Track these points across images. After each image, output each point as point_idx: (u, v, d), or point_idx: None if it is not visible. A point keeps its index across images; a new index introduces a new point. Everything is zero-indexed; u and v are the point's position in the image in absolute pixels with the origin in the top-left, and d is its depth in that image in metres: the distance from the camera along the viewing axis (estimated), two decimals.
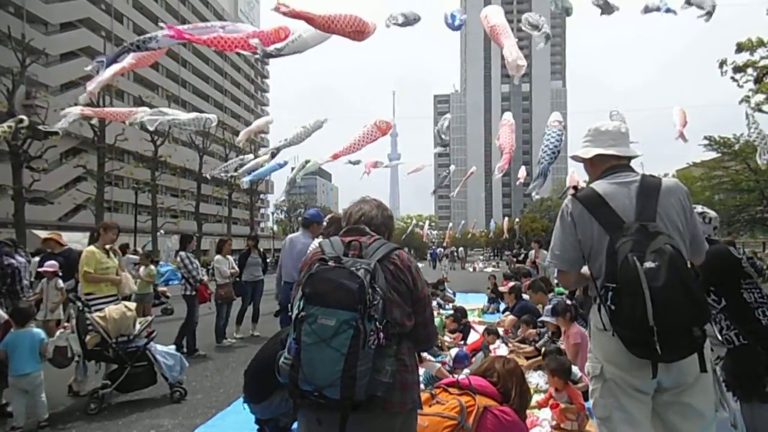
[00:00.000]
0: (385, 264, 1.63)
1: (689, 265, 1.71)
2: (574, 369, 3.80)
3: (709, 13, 5.85)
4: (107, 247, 5.22)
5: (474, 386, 2.19)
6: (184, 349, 6.51)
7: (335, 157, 7.87)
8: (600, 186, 1.96)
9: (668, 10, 6.24)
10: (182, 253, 6.82)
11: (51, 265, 6.61)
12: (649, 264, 1.65)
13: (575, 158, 2.21)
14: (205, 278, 6.91)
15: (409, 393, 1.64)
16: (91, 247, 5.12)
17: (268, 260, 18.12)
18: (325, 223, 4.35)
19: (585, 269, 2.01)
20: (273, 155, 9.28)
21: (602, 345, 1.90)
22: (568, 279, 2.12)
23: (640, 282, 1.62)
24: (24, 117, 7.34)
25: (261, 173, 10.54)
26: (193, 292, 6.64)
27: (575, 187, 2.10)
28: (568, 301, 4.79)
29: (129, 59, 4.81)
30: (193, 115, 6.76)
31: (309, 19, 4.10)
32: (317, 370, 1.45)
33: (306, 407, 1.58)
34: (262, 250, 9.07)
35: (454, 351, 4.93)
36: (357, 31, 4.32)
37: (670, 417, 1.84)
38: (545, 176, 6.33)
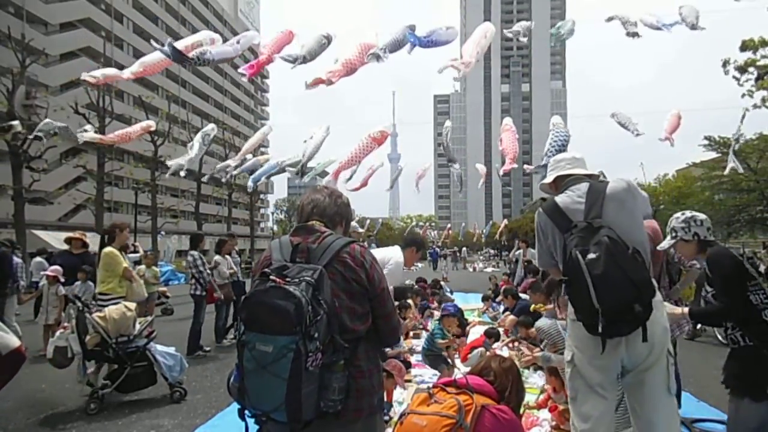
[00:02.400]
0: (334, 266, 1.57)
1: (631, 251, 1.97)
2: None
3: (693, 27, 6.12)
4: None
5: (471, 385, 2.20)
6: (206, 348, 6.56)
7: (336, 174, 7.99)
8: (558, 197, 2.33)
9: (663, 27, 6.43)
10: (194, 253, 6.79)
11: (54, 270, 6.61)
12: (591, 255, 1.93)
13: (542, 188, 2.63)
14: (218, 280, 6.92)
15: (366, 399, 1.59)
16: (111, 248, 5.23)
17: (251, 261, 18.06)
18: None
19: None
20: (300, 172, 9.41)
21: (574, 332, 2.21)
22: (555, 276, 2.48)
23: (582, 272, 1.91)
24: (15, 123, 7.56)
25: (262, 173, 10.67)
26: (203, 292, 6.63)
27: (543, 199, 2.47)
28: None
29: (138, 67, 5.20)
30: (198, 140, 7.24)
31: (339, 74, 5.10)
32: (261, 396, 1.43)
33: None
34: (238, 249, 9.08)
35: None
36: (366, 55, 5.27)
37: (634, 395, 2.14)
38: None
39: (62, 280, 6.54)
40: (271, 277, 1.47)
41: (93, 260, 7.39)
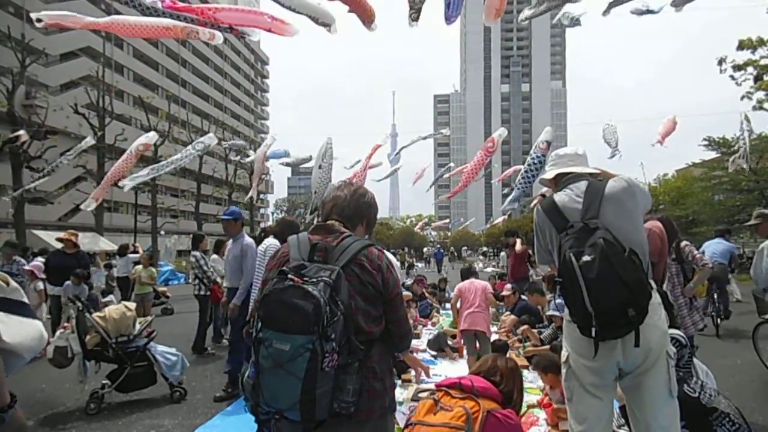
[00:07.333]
0: (351, 268, 1.57)
1: (627, 253, 1.92)
2: None
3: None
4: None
5: (477, 388, 2.18)
6: (211, 351, 6.56)
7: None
8: (556, 196, 2.30)
9: (649, 11, 6.30)
10: (197, 253, 6.80)
11: (35, 266, 6.62)
12: (585, 258, 1.91)
13: (542, 181, 2.55)
14: (219, 279, 6.91)
15: (378, 401, 1.60)
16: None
17: None
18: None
19: None
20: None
21: (569, 334, 2.19)
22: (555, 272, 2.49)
23: (576, 275, 1.90)
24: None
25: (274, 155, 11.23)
26: (207, 292, 6.63)
27: (543, 195, 2.39)
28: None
29: (108, 19, 4.90)
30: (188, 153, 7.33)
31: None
32: (276, 394, 1.43)
33: (270, 422, 1.55)
34: None
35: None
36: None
37: (633, 398, 2.11)
38: (519, 201, 6.61)
39: (41, 276, 6.53)
40: (290, 275, 1.47)
41: (87, 260, 7.37)
